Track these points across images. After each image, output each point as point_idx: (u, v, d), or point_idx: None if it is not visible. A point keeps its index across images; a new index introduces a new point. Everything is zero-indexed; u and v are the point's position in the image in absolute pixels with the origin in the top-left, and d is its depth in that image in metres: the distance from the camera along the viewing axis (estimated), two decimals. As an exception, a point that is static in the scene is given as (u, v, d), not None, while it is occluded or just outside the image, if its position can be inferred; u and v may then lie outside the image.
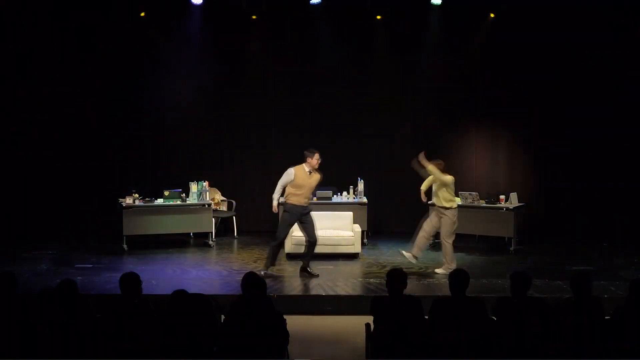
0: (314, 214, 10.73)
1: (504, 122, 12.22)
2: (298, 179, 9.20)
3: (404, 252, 9.64)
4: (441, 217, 9.46)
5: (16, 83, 11.85)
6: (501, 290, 8.40)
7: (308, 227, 9.38)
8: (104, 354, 5.37)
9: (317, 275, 9.34)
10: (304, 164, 9.31)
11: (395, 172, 12.44)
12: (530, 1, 11.64)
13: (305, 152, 9.37)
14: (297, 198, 9.23)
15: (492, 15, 12.07)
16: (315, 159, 9.28)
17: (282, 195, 9.47)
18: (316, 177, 9.38)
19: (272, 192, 11.49)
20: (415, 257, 9.60)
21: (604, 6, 11.47)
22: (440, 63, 12.35)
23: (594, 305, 5.67)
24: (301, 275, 9.39)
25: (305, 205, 9.35)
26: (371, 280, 9.15)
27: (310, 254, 9.45)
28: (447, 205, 9.40)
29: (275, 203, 9.34)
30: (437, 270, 9.52)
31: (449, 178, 9.38)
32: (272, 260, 9.34)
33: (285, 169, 12.02)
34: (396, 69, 12.41)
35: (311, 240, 9.38)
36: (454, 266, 9.23)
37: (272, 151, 12.60)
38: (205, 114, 12.45)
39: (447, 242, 9.47)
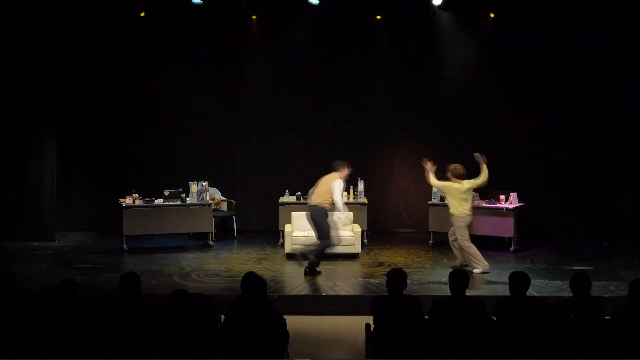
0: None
1: (504, 122, 12.20)
2: None
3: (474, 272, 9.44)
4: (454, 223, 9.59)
5: (16, 83, 11.84)
6: (501, 290, 8.40)
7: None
8: (104, 354, 5.38)
9: (320, 273, 9.42)
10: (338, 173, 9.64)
11: (395, 172, 12.45)
12: (530, 1, 11.64)
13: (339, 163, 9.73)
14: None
15: (492, 15, 12.07)
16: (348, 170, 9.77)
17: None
18: None
19: (272, 191, 11.55)
20: (467, 266, 9.49)
21: (604, 6, 11.47)
22: (440, 63, 12.35)
23: (594, 305, 5.68)
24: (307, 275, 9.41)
25: None
26: (371, 280, 9.14)
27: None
28: (454, 212, 9.54)
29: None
30: (474, 271, 9.41)
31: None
32: (321, 257, 9.47)
33: (285, 169, 12.09)
34: (396, 68, 12.39)
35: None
36: (486, 264, 9.44)
37: (272, 151, 12.60)
38: (205, 114, 12.44)
39: (467, 245, 9.51)
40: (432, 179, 9.77)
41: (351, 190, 11.49)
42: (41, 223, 11.72)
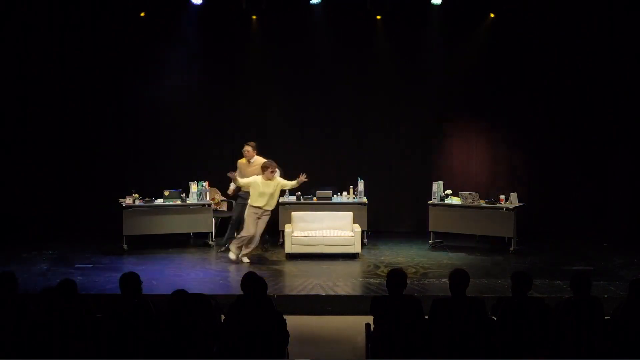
0: (314, 214, 10.77)
1: (504, 121, 12.22)
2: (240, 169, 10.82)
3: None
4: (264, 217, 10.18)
5: (16, 83, 11.85)
6: (501, 290, 8.41)
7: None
8: (104, 354, 5.38)
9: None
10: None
11: (395, 172, 12.45)
12: (530, 1, 11.64)
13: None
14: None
15: (492, 15, 12.08)
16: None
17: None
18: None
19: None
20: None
21: (603, 6, 11.47)
22: (440, 63, 12.34)
23: (594, 305, 5.67)
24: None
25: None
26: (371, 280, 9.14)
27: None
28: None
29: None
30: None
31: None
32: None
33: (285, 169, 12.09)
34: (396, 68, 12.39)
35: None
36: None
37: (272, 151, 12.57)
38: (206, 114, 12.44)
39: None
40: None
41: (351, 190, 11.49)
42: (41, 223, 11.74)
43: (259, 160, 10.60)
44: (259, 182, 10.02)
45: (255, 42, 12.37)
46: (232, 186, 10.79)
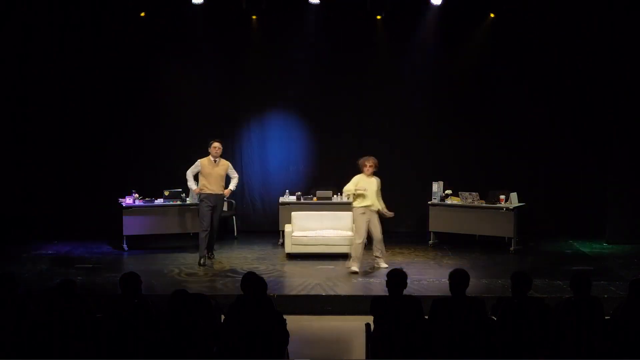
0: (314, 214, 10.76)
1: (504, 121, 12.22)
2: (204, 168, 10.01)
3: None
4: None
5: (16, 82, 11.85)
6: (501, 290, 8.41)
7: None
8: (104, 354, 5.38)
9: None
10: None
11: (395, 172, 12.43)
12: (530, 1, 11.64)
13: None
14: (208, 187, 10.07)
15: (492, 15, 12.08)
16: (211, 148, 10.06)
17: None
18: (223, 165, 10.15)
19: (272, 191, 11.51)
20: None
21: (603, 6, 11.47)
22: (440, 63, 12.35)
23: (594, 305, 5.67)
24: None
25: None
26: (371, 280, 9.14)
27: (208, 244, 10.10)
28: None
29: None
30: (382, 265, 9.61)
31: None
32: (202, 249, 10.04)
33: (285, 169, 12.10)
34: (396, 68, 12.40)
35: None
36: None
37: (272, 151, 12.61)
38: (205, 114, 12.43)
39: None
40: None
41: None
42: (41, 223, 11.74)
43: (224, 161, 10.30)
44: (364, 180, 9.67)
45: (255, 42, 12.37)
46: (194, 185, 10.18)
